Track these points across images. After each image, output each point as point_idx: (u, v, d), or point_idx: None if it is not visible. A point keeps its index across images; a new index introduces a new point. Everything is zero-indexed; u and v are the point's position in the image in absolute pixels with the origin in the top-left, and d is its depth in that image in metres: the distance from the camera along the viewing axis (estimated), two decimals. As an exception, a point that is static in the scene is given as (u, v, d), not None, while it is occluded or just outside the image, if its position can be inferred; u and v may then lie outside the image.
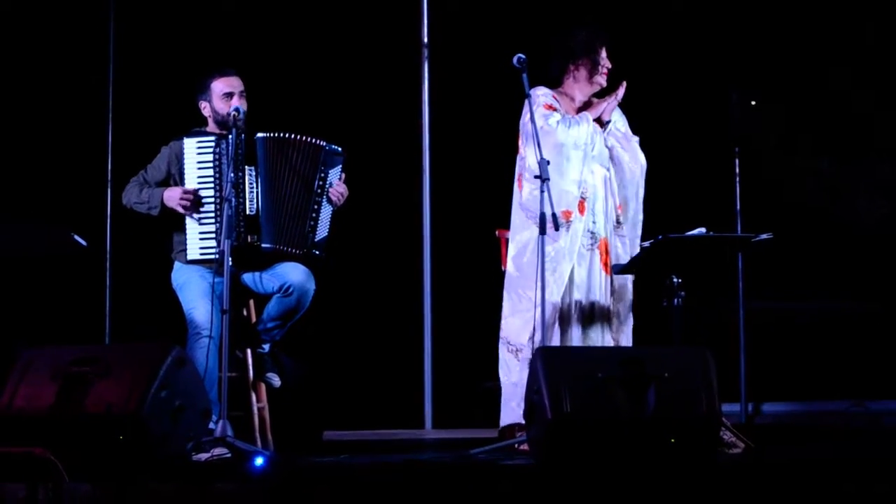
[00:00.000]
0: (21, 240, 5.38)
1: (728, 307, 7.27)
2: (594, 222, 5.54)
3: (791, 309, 7.40)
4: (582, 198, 5.51)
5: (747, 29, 7.31)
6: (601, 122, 5.58)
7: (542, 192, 5.18)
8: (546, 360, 4.53)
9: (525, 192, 5.51)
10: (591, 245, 5.53)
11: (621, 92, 5.56)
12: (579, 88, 5.66)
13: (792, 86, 7.41)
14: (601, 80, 5.64)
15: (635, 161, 5.65)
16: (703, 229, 5.34)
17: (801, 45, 7.36)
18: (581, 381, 4.48)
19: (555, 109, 5.57)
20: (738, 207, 7.21)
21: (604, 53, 5.63)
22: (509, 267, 5.56)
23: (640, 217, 5.66)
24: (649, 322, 5.68)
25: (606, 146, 5.61)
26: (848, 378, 7.11)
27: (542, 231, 5.17)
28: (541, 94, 5.59)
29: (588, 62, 5.62)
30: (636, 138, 5.71)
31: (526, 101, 5.44)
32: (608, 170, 5.63)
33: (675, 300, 5.35)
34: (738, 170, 7.27)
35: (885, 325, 7.21)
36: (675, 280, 5.38)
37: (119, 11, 7.12)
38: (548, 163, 5.23)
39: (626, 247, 5.61)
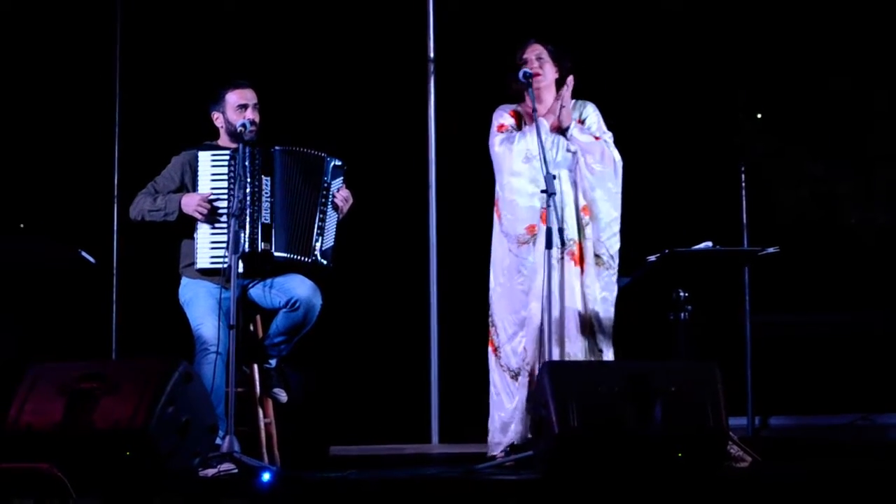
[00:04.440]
0: (30, 256, 5.39)
1: (734, 321, 7.26)
2: (561, 229, 5.39)
3: (797, 322, 7.38)
4: (543, 208, 5.43)
5: (752, 41, 7.30)
6: (561, 129, 5.55)
7: (548, 206, 5.18)
8: (553, 375, 4.53)
9: (504, 219, 5.53)
10: (561, 254, 5.47)
11: (567, 92, 5.47)
12: (521, 101, 5.65)
13: (797, 96, 7.41)
14: (526, 82, 5.49)
15: (602, 162, 5.53)
16: (709, 243, 5.34)
17: (805, 57, 7.36)
18: (588, 396, 4.48)
19: (506, 128, 5.56)
20: (745, 221, 7.20)
21: (526, 54, 5.56)
22: (495, 294, 5.59)
23: (616, 215, 5.55)
24: (656, 336, 5.67)
25: (569, 151, 5.58)
26: (854, 391, 7.09)
27: (549, 245, 5.18)
28: (495, 115, 5.62)
29: (514, 76, 5.57)
30: (609, 134, 5.61)
31: None
32: (573, 173, 5.58)
33: (682, 314, 5.35)
34: (744, 183, 7.27)
35: (891, 338, 7.19)
36: (681, 294, 5.37)
37: (125, 25, 7.15)
38: (554, 177, 5.23)
39: (590, 249, 5.52)
